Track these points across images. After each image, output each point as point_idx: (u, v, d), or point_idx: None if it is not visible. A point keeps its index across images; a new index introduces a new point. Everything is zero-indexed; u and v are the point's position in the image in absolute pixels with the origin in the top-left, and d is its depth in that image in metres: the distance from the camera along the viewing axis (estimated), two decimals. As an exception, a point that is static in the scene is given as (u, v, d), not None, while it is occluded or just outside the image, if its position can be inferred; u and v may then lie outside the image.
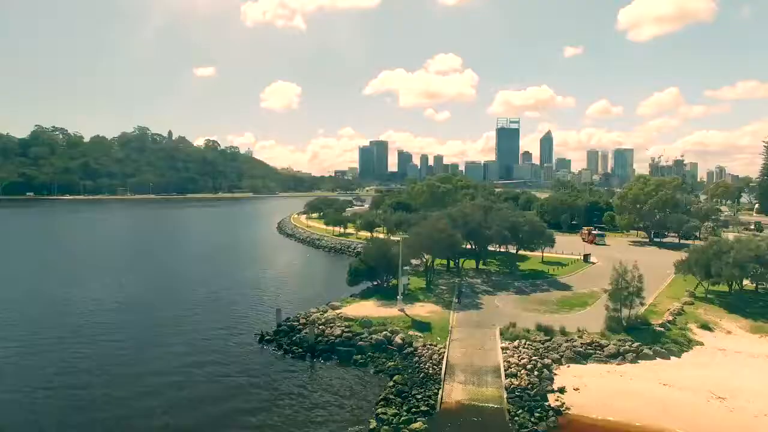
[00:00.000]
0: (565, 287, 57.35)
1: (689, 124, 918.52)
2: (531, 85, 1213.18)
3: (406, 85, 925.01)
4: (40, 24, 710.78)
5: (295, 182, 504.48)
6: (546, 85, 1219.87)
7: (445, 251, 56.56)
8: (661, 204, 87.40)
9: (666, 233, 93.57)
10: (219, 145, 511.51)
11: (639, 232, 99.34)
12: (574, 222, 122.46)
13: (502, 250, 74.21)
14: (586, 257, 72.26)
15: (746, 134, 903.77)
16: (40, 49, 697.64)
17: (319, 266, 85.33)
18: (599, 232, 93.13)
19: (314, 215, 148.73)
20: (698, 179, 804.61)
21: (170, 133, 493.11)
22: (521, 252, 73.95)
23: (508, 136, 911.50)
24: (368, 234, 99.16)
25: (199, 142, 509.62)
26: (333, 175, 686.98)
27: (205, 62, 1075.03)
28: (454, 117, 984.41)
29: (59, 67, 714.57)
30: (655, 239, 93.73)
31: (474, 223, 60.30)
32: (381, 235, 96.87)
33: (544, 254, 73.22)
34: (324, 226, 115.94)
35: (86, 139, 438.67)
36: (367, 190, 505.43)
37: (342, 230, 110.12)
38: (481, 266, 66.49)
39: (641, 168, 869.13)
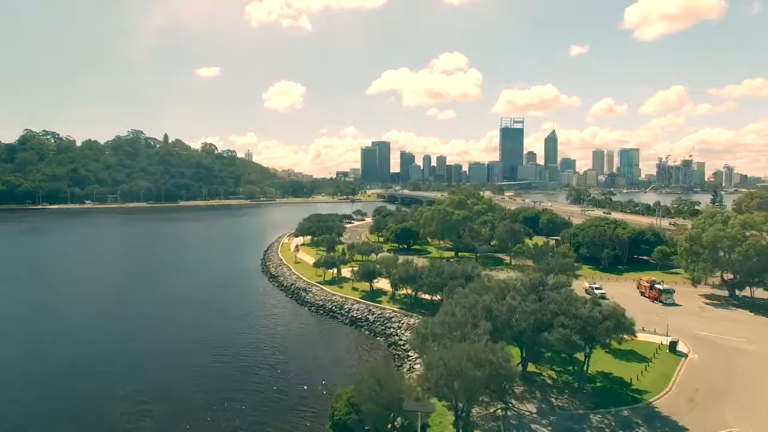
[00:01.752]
0: (675, 428, 36.23)
1: (694, 122, 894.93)
2: (535, 84, 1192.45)
3: (410, 84, 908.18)
4: (40, 22, 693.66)
5: (294, 187, 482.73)
6: (551, 84, 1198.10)
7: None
8: (755, 252, 66.06)
9: (752, 285, 71.84)
10: (216, 148, 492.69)
11: (712, 279, 77.61)
12: (614, 252, 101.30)
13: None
14: (673, 346, 50.94)
15: (751, 132, 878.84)
16: (40, 48, 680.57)
17: (297, 354, 56.28)
18: (666, 287, 71.14)
19: (307, 240, 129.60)
20: (705, 178, 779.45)
21: (166, 136, 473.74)
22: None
23: (512, 136, 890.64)
24: (367, 285, 78.44)
25: (200, 143, 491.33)
26: (334, 176, 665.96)
27: (210, 63, 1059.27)
28: (458, 116, 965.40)
29: (59, 69, 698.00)
30: (737, 292, 72.61)
31: (525, 323, 39.08)
32: (383, 283, 76.62)
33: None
34: (315, 263, 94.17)
35: (79, 143, 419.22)
36: (369, 194, 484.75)
37: (335, 274, 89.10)
38: (530, 368, 45.62)
39: (648, 167, 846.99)
